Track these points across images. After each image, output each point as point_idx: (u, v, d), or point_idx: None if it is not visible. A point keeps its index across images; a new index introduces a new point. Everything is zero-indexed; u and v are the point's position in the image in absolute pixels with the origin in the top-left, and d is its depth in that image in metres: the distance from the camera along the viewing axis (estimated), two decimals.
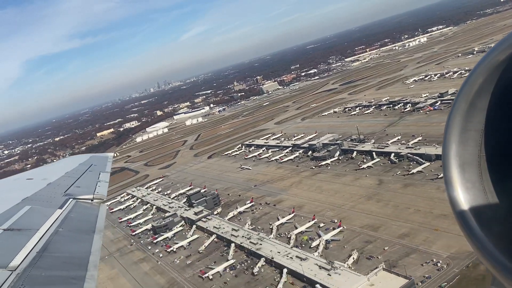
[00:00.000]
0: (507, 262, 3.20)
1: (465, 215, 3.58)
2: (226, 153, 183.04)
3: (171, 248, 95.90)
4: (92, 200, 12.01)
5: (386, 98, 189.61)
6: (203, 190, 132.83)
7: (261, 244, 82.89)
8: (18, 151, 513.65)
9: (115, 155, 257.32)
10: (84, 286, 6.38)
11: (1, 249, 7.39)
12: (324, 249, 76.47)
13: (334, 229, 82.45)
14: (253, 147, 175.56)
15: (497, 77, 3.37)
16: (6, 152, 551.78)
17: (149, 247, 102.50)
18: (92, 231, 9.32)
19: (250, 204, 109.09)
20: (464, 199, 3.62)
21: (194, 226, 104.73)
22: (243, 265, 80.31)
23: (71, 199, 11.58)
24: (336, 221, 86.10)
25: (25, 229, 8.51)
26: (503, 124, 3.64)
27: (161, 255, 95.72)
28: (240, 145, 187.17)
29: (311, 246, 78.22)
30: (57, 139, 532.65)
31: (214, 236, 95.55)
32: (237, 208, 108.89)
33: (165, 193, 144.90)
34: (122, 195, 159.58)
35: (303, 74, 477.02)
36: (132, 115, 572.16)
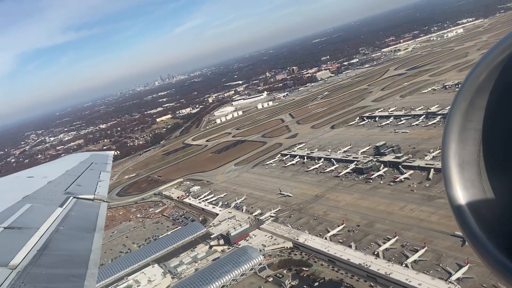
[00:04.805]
0: (506, 261, 3.25)
1: (464, 214, 3.66)
2: (350, 123, 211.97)
3: (399, 178, 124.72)
4: (93, 200, 12.18)
5: None
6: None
7: None
8: (66, 138, 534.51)
9: (116, 153, 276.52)
10: (85, 284, 6.46)
11: (2, 247, 7.39)
12: None
13: None
14: (377, 118, 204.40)
15: (497, 76, 3.43)
16: (52, 138, 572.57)
17: (370, 181, 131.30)
18: (93, 230, 9.39)
19: (439, 151, 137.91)
20: (463, 198, 3.71)
21: (400, 166, 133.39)
22: None
23: (71, 198, 11.67)
24: None
25: (26, 228, 8.50)
26: (502, 124, 3.73)
27: (391, 184, 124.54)
28: (358, 118, 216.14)
29: None
30: (103, 126, 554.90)
31: (432, 169, 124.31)
32: (426, 155, 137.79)
33: (328, 151, 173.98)
34: (278, 156, 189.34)
35: (345, 63, 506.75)
36: (166, 105, 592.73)
